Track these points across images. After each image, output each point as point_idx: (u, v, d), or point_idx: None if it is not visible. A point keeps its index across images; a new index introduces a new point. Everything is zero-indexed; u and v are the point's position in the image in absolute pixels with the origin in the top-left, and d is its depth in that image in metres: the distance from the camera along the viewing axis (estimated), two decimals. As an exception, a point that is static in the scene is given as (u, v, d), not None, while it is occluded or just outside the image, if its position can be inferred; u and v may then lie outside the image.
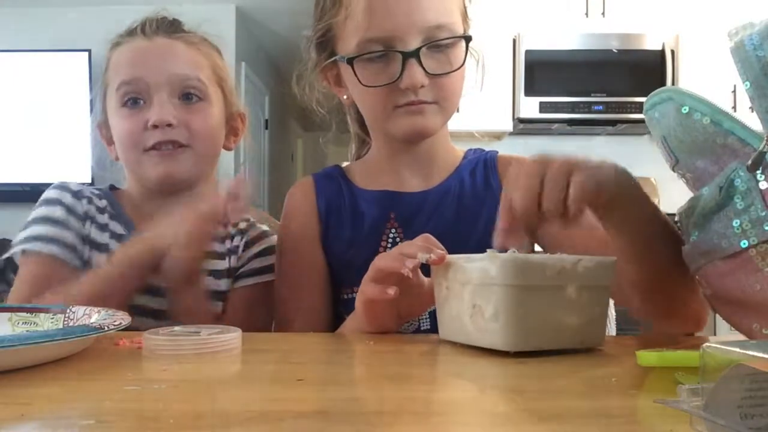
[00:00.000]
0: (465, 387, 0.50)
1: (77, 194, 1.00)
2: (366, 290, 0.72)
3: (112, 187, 1.07)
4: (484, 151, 1.05)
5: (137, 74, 0.96)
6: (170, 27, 1.02)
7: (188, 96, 0.98)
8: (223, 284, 1.01)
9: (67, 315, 0.71)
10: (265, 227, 1.10)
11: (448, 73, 0.88)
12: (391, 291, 0.68)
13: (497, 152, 1.04)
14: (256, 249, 1.04)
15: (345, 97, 0.99)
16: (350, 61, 0.88)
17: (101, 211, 1.01)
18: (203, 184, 1.03)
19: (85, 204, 1.00)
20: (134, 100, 0.97)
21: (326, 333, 0.79)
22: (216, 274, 1.00)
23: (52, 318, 0.71)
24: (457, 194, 0.97)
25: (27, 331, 0.70)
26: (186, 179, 0.99)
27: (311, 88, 1.02)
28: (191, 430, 0.39)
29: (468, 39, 0.90)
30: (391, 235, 0.95)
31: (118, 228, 1.00)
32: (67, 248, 0.95)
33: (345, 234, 0.97)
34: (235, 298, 1.01)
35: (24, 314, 0.72)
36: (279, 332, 0.95)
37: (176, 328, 0.67)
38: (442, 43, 0.88)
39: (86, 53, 3.70)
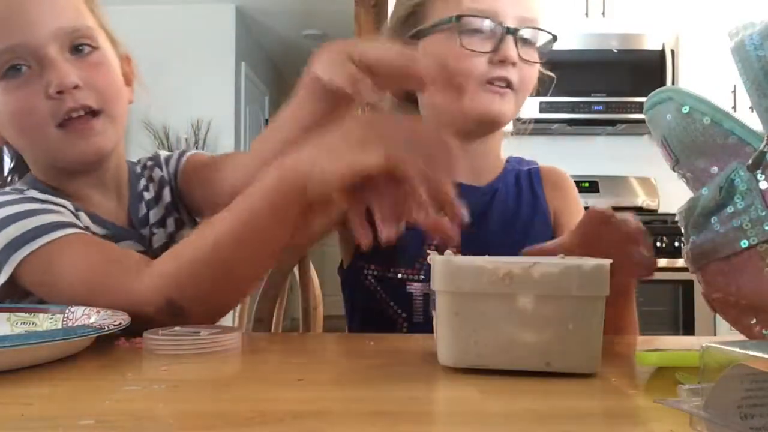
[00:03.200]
0: (465, 387, 0.50)
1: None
2: (357, 159, 0.57)
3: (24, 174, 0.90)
4: (522, 159, 1.09)
5: (14, 37, 0.76)
6: None
7: (80, 48, 0.80)
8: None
9: (66, 315, 0.71)
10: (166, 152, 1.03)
11: (533, 63, 0.94)
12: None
13: (537, 164, 1.08)
14: (172, 163, 1.00)
15: None
16: (458, 19, 0.90)
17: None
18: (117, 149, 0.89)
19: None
20: (16, 67, 0.77)
21: (326, 333, 0.79)
22: (164, 221, 0.96)
23: (51, 318, 0.71)
24: (503, 198, 1.00)
25: (26, 331, 0.70)
26: (106, 152, 0.84)
27: None
28: (191, 430, 0.39)
29: (554, 37, 0.95)
30: None
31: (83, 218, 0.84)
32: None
33: None
34: (192, 175, 0.99)
35: (23, 314, 0.72)
36: None
37: (176, 328, 0.67)
38: (530, 37, 0.93)
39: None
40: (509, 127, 3.29)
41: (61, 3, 0.81)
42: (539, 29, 0.93)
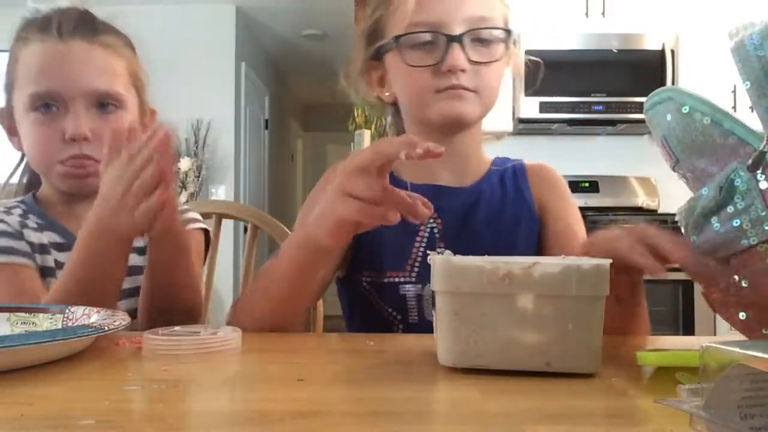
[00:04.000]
0: (465, 387, 0.50)
1: (3, 211, 0.98)
2: (339, 207, 0.67)
3: (34, 193, 1.04)
4: (508, 158, 1.08)
5: (52, 86, 0.92)
6: (88, 27, 0.96)
7: (104, 105, 0.96)
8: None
9: (66, 315, 0.71)
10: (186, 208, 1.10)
11: (488, 63, 0.92)
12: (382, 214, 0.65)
13: (523, 162, 1.07)
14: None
15: (387, 94, 1.01)
16: (397, 39, 0.92)
17: (35, 227, 0.97)
18: None
19: (15, 217, 0.97)
20: (47, 105, 0.93)
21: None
22: (143, 249, 0.98)
23: (51, 318, 0.71)
24: (488, 198, 1.00)
25: (26, 331, 0.70)
26: (96, 189, 0.91)
27: (356, 89, 1.04)
28: (191, 430, 0.39)
29: (509, 32, 0.94)
30: (429, 225, 0.96)
31: (54, 237, 0.97)
32: (26, 255, 0.93)
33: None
34: (162, 241, 0.98)
35: (23, 314, 0.72)
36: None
37: (176, 328, 0.67)
38: (484, 36, 0.92)
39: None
40: (509, 127, 3.26)
41: (99, 67, 0.95)
42: (488, 28, 0.92)
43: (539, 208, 1.01)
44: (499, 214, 0.98)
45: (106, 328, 0.59)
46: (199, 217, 1.11)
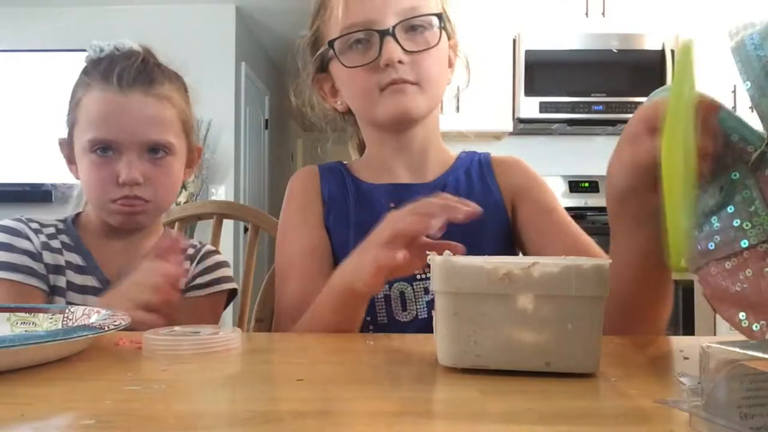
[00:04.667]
0: (465, 387, 0.50)
1: (35, 229, 1.04)
2: (380, 255, 0.70)
3: (77, 214, 1.12)
4: (475, 152, 1.08)
5: (109, 135, 0.99)
6: (146, 78, 1.03)
7: (156, 150, 1.02)
8: None
9: (66, 315, 0.71)
10: (209, 247, 1.18)
11: (425, 50, 0.92)
12: (400, 255, 0.68)
13: (489, 153, 1.07)
14: (204, 266, 1.12)
15: (339, 103, 1.04)
16: (332, 45, 0.94)
17: (58, 247, 1.04)
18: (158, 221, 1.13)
19: (42, 237, 1.03)
20: (104, 149, 1.00)
21: (326, 333, 0.79)
22: None
23: (51, 318, 0.71)
24: (453, 191, 0.98)
25: (26, 331, 0.70)
26: (144, 227, 1.08)
27: (310, 103, 1.07)
28: (191, 430, 0.39)
29: (439, 16, 0.94)
30: None
31: (77, 259, 1.04)
32: (41, 278, 1.00)
33: (348, 220, 0.99)
34: (184, 308, 1.04)
35: (22, 314, 0.72)
36: (280, 314, 0.95)
37: (176, 328, 0.67)
38: (417, 24, 0.93)
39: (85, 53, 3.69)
40: (509, 127, 3.25)
41: (153, 118, 1.02)
42: (418, 16, 0.92)
43: (512, 196, 1.01)
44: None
45: (106, 328, 0.59)
46: (228, 274, 1.15)
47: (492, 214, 0.98)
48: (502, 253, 0.97)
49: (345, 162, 1.10)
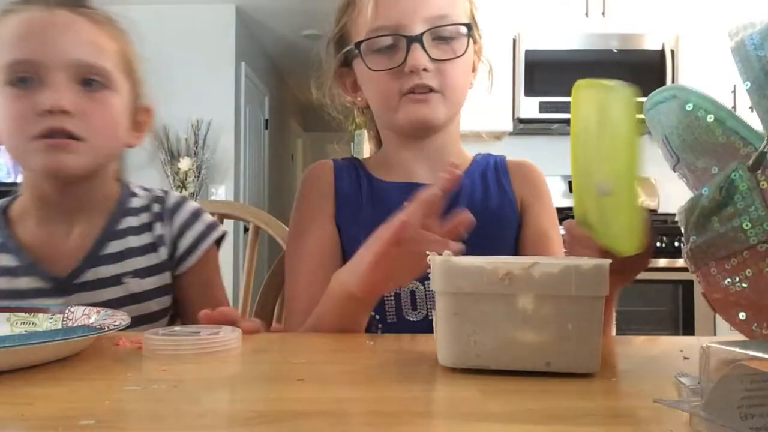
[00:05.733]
0: (465, 387, 0.50)
1: None
2: (382, 237, 0.71)
3: (8, 205, 0.96)
4: (490, 155, 1.08)
5: (31, 53, 0.83)
6: (76, 1, 0.89)
7: (89, 82, 0.86)
8: (165, 277, 0.96)
9: (66, 315, 0.71)
10: (175, 195, 1.02)
11: (451, 59, 0.92)
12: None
13: (505, 156, 1.07)
14: (177, 226, 0.98)
15: (359, 99, 1.03)
16: (358, 46, 0.93)
17: None
18: (100, 178, 0.94)
19: None
20: (24, 79, 0.84)
21: (326, 332, 0.79)
22: (151, 270, 0.95)
23: (51, 318, 0.71)
24: (469, 193, 0.99)
25: (25, 331, 0.70)
26: (76, 174, 0.87)
27: (330, 96, 1.06)
28: (191, 430, 0.39)
29: (469, 27, 0.94)
30: None
31: (7, 260, 0.89)
32: None
33: (361, 217, 0.98)
34: (189, 284, 0.98)
35: (22, 314, 0.72)
36: (291, 312, 0.94)
37: (176, 328, 0.67)
38: (446, 33, 0.92)
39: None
40: (509, 127, 3.26)
41: (84, 39, 0.87)
42: (446, 25, 0.92)
43: (520, 206, 1.01)
44: (481, 209, 0.97)
45: (106, 328, 0.59)
46: (209, 220, 1.03)
47: (507, 216, 0.99)
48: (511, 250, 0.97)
49: (360, 158, 1.10)
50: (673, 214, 0.66)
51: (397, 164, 1.02)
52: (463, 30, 0.93)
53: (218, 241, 1.03)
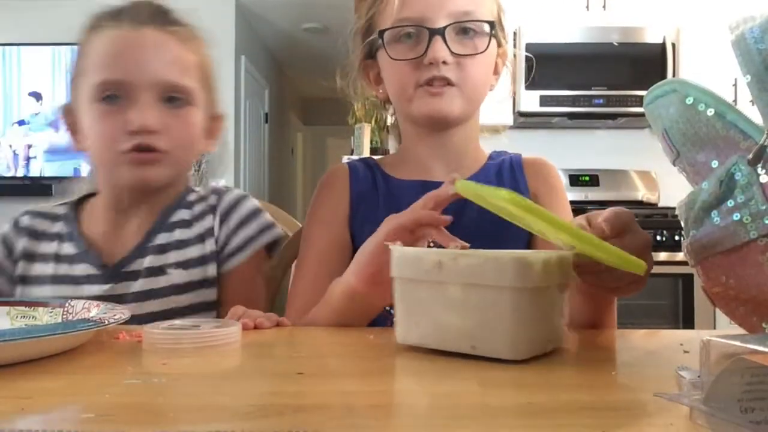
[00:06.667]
0: (466, 380, 0.50)
1: (19, 229, 1.00)
2: (379, 237, 0.73)
3: (82, 200, 1.04)
4: (506, 152, 1.08)
5: (122, 74, 0.89)
6: (163, 17, 0.94)
7: (173, 99, 0.92)
8: (210, 270, 0.98)
9: (66, 309, 0.71)
10: (236, 191, 1.05)
11: (472, 55, 0.93)
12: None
13: (521, 155, 1.07)
14: (233, 223, 1.00)
15: (381, 91, 1.04)
16: (382, 34, 0.95)
17: (50, 237, 0.99)
18: (173, 184, 1.00)
19: (25, 241, 0.99)
20: (113, 96, 0.89)
21: (326, 326, 0.79)
22: (195, 262, 0.97)
23: (51, 312, 0.71)
24: None
25: (26, 324, 0.70)
26: (159, 185, 0.96)
27: (354, 86, 1.06)
28: (191, 424, 0.39)
29: (491, 24, 0.95)
30: None
31: (68, 248, 0.97)
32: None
33: (377, 217, 0.97)
34: (231, 282, 0.99)
35: (23, 308, 0.73)
36: (290, 307, 0.94)
37: (176, 321, 0.67)
38: (468, 28, 0.93)
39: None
40: (509, 121, 3.25)
41: (171, 59, 0.93)
42: (470, 21, 0.93)
43: (532, 199, 1.01)
44: None
45: (106, 322, 0.59)
46: (267, 220, 1.03)
47: None
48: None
49: (377, 158, 1.11)
50: (673, 208, 0.66)
51: (414, 161, 1.03)
52: (486, 28, 0.94)
53: (271, 245, 1.04)
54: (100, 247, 0.96)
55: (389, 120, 1.17)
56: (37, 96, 3.78)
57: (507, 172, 1.03)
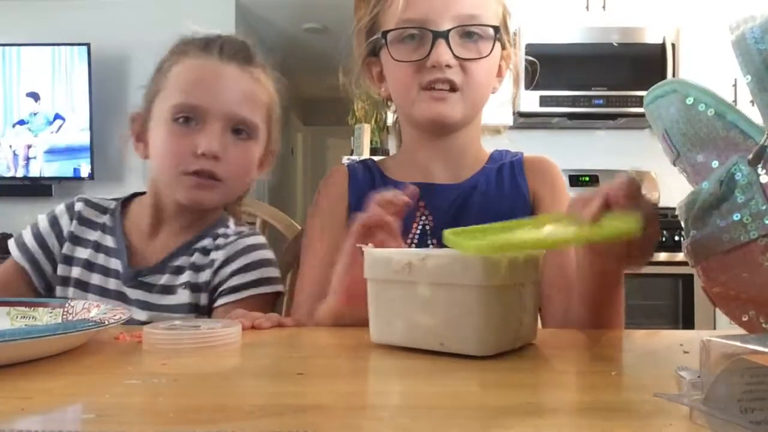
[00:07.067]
0: (465, 380, 0.50)
1: (72, 212, 1.05)
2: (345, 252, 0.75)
3: (135, 195, 1.10)
4: (508, 151, 1.08)
5: (198, 101, 0.96)
6: (246, 54, 1.02)
7: (239, 131, 0.99)
8: (202, 298, 0.99)
9: (66, 309, 0.71)
10: (254, 240, 1.04)
11: (475, 59, 0.92)
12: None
13: (522, 153, 1.07)
14: (235, 265, 1.00)
15: (383, 90, 1.03)
16: (385, 35, 0.94)
17: (95, 227, 1.04)
18: (217, 210, 1.06)
19: (74, 224, 1.03)
20: (187, 119, 0.96)
21: (326, 327, 0.79)
22: (195, 287, 0.99)
23: (51, 312, 0.71)
24: (483, 191, 0.99)
25: (26, 325, 0.70)
26: (209, 209, 1.02)
27: (357, 83, 1.06)
28: (191, 424, 0.39)
29: (497, 29, 0.94)
30: (421, 222, 0.97)
31: (109, 241, 1.02)
32: (33, 264, 1.01)
33: None
34: (221, 315, 0.99)
35: (23, 308, 0.73)
36: (294, 314, 0.94)
37: (176, 322, 0.67)
38: (473, 32, 0.93)
39: (85, 47, 3.69)
40: (509, 121, 3.25)
41: (245, 95, 0.99)
42: (474, 25, 0.92)
43: (533, 200, 1.00)
44: (494, 208, 0.97)
45: (106, 323, 0.59)
46: (274, 274, 1.03)
47: (521, 213, 0.97)
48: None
49: (378, 158, 1.11)
50: (674, 209, 0.66)
51: (414, 163, 1.02)
52: (491, 32, 0.94)
53: (274, 301, 1.04)
54: (134, 247, 1.02)
55: (390, 119, 1.17)
56: (35, 96, 3.78)
57: (507, 172, 1.02)
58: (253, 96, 1.00)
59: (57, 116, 3.73)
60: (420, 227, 0.97)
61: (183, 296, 0.98)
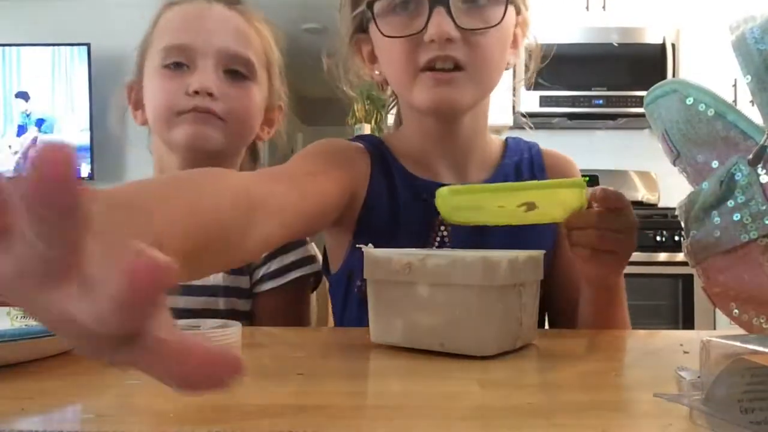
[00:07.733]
0: (465, 381, 0.50)
1: None
2: None
3: None
4: (523, 141, 0.97)
5: (186, 40, 0.92)
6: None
7: (234, 72, 0.94)
8: (243, 281, 0.97)
9: (67, 309, 0.71)
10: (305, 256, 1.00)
11: (482, 29, 0.76)
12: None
13: (539, 146, 0.96)
14: (274, 253, 0.97)
15: (377, 72, 0.88)
16: (371, 6, 0.78)
17: None
18: (225, 164, 0.94)
19: None
20: (177, 63, 0.92)
21: (326, 327, 0.79)
22: (242, 293, 0.97)
23: (52, 312, 0.71)
24: None
25: (26, 325, 0.70)
26: (213, 150, 0.92)
27: (345, 67, 0.91)
28: (191, 424, 0.39)
29: None
30: (439, 232, 0.85)
31: None
32: None
33: (388, 227, 0.84)
34: (256, 309, 0.98)
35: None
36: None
37: (176, 322, 0.67)
38: None
39: (85, 47, 3.69)
40: (509, 121, 3.24)
41: (234, 30, 0.95)
42: None
43: None
44: None
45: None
46: (309, 253, 1.00)
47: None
48: (549, 252, 0.83)
49: (387, 144, 0.92)
50: (674, 209, 0.66)
51: (419, 156, 0.88)
52: None
53: (314, 283, 1.02)
54: None
55: (390, 120, 1.08)
56: (25, 96, 3.78)
57: (527, 168, 0.91)
58: (244, 32, 0.96)
59: (50, 117, 3.74)
60: (440, 237, 0.85)
61: (217, 277, 0.95)
